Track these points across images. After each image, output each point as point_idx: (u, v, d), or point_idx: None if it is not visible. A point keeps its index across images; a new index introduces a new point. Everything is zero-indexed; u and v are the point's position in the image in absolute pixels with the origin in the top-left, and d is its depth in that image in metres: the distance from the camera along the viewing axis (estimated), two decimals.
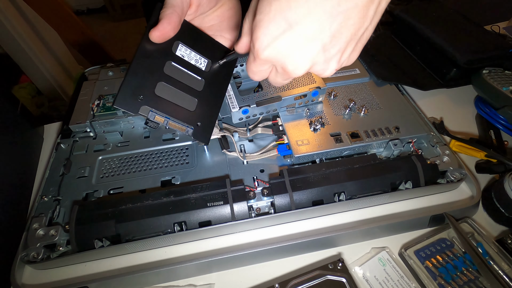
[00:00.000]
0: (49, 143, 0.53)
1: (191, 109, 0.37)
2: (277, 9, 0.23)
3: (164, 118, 0.34)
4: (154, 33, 0.32)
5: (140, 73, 0.33)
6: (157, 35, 0.32)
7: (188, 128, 0.36)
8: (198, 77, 0.37)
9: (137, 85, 0.33)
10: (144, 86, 0.33)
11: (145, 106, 0.33)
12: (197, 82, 0.37)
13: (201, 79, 0.37)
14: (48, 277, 0.37)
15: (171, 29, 0.32)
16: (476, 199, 0.41)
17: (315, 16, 0.22)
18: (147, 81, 0.34)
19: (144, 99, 0.33)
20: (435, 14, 0.65)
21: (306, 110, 0.48)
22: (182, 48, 0.36)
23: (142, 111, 0.33)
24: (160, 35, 0.32)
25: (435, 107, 0.56)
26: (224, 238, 0.39)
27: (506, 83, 0.51)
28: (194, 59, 0.37)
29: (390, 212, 0.41)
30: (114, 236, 0.37)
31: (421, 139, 0.46)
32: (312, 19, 0.22)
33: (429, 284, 0.35)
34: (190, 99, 0.37)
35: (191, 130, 0.36)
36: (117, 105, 0.32)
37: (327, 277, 0.35)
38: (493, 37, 0.61)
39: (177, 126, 0.36)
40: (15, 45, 1.23)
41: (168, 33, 0.33)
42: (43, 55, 1.33)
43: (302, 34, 0.23)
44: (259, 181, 0.42)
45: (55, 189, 0.43)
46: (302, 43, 0.24)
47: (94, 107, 0.50)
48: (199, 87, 0.37)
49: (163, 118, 0.34)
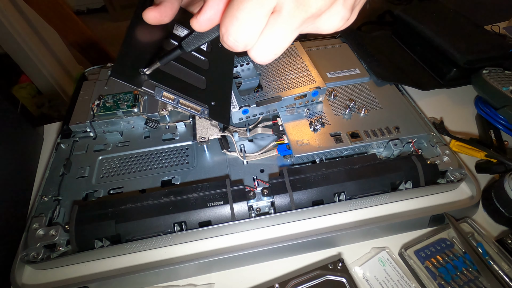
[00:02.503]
0: (49, 143, 0.53)
1: (202, 87, 0.32)
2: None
3: (174, 95, 0.29)
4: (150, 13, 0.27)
5: (139, 41, 0.28)
6: (154, 16, 0.27)
7: (203, 107, 0.31)
8: (201, 57, 0.34)
9: (137, 55, 0.27)
10: (144, 59, 0.28)
11: (150, 81, 0.28)
12: (201, 61, 0.34)
13: (204, 58, 0.34)
14: (48, 277, 0.37)
15: (170, 14, 0.28)
16: (476, 199, 0.41)
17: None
18: (148, 55, 0.29)
19: (145, 74, 0.28)
20: (435, 14, 0.65)
21: (306, 110, 0.48)
22: (179, 28, 0.32)
23: (146, 86, 0.27)
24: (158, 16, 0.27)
25: (435, 107, 0.56)
26: (224, 238, 0.39)
27: (506, 83, 0.51)
28: None
29: (390, 212, 0.41)
30: (114, 236, 0.37)
31: (421, 139, 0.46)
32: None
33: (429, 284, 0.35)
34: (198, 77, 0.32)
35: (207, 110, 0.32)
36: (113, 75, 0.26)
37: (327, 277, 0.35)
38: (493, 37, 0.61)
39: (190, 106, 0.31)
40: (15, 45, 1.23)
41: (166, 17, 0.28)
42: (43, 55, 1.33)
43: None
44: (259, 181, 0.42)
45: (55, 189, 0.43)
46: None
47: (94, 107, 0.50)
48: (204, 65, 0.34)
49: (173, 95, 0.29)
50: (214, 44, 0.35)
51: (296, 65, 0.50)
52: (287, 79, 0.48)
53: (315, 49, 0.61)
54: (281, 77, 0.48)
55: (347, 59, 0.58)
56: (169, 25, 0.30)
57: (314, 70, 0.49)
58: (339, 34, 0.66)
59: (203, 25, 0.24)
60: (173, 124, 0.50)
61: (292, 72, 0.49)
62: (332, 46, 0.62)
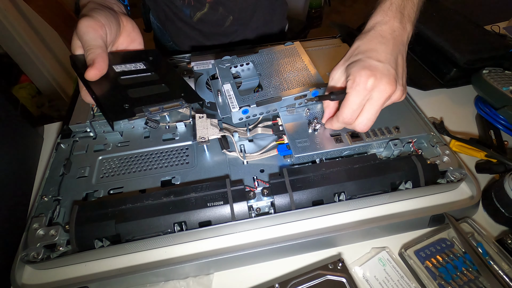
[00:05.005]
0: (49, 143, 0.53)
1: (167, 90, 0.41)
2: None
3: (158, 107, 0.37)
4: (91, 72, 0.36)
5: (107, 94, 0.37)
6: (94, 73, 0.36)
7: (179, 101, 0.39)
8: (148, 73, 0.42)
9: (114, 101, 0.36)
10: (120, 99, 0.37)
11: (137, 108, 0.36)
12: (151, 76, 0.42)
13: (151, 73, 0.43)
14: (48, 277, 0.37)
15: (106, 66, 0.37)
16: (476, 199, 0.41)
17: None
18: (119, 95, 0.37)
19: (130, 105, 0.36)
20: (435, 14, 0.65)
21: (306, 110, 0.48)
22: (117, 67, 0.41)
23: (138, 113, 0.36)
24: (98, 73, 0.37)
25: (435, 107, 0.56)
26: (224, 238, 0.39)
27: (506, 83, 0.51)
28: (133, 66, 0.42)
29: (390, 212, 0.41)
30: (114, 236, 0.37)
31: (421, 139, 0.46)
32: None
33: (429, 284, 0.35)
34: (159, 86, 0.41)
35: (183, 101, 0.40)
36: (113, 120, 0.34)
37: (327, 277, 0.35)
38: (493, 37, 0.61)
39: (171, 106, 0.39)
40: (15, 45, 1.23)
41: (104, 70, 0.37)
42: (43, 55, 1.33)
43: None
44: (259, 181, 0.42)
45: (55, 189, 0.43)
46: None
47: (94, 107, 0.50)
48: (156, 77, 0.42)
49: (157, 107, 0.37)
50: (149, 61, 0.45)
51: (296, 65, 0.50)
52: (287, 79, 0.48)
53: (315, 49, 0.61)
54: (281, 77, 0.48)
55: None
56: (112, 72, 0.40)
57: (314, 70, 0.49)
58: (339, 34, 0.66)
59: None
60: (173, 124, 0.50)
61: (292, 72, 0.49)
62: (332, 46, 0.62)
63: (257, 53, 0.52)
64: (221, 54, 0.53)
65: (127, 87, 0.39)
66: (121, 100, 0.36)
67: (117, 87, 0.38)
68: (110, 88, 0.38)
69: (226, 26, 0.70)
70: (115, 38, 0.42)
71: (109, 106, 0.35)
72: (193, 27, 0.70)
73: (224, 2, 0.66)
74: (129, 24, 0.44)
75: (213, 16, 0.68)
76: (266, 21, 0.74)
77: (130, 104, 0.36)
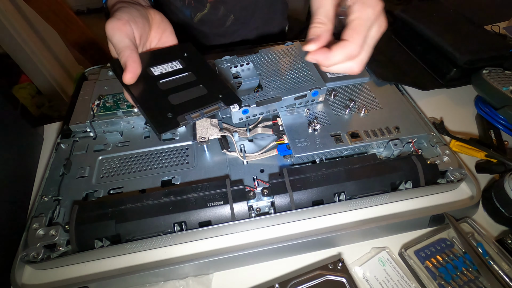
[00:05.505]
0: (49, 143, 0.53)
1: (206, 92, 0.40)
2: None
3: (198, 113, 0.37)
4: (126, 76, 0.36)
5: (150, 103, 0.37)
6: (130, 77, 0.36)
7: (218, 104, 0.39)
8: (185, 73, 0.42)
9: (158, 110, 0.36)
10: (162, 107, 0.37)
11: (180, 116, 0.36)
12: (188, 76, 0.41)
13: (188, 73, 0.42)
14: (48, 277, 0.37)
15: (138, 66, 0.37)
16: (476, 199, 0.41)
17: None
18: (161, 103, 0.37)
19: (173, 114, 0.36)
20: (435, 14, 0.65)
21: (306, 110, 0.48)
22: (154, 69, 0.41)
23: (181, 121, 0.36)
24: (133, 76, 0.36)
25: (435, 107, 0.56)
26: (224, 238, 0.39)
27: (506, 83, 0.51)
28: (170, 67, 0.41)
29: (390, 212, 0.41)
30: (114, 236, 0.37)
31: (421, 139, 0.46)
32: None
33: (429, 284, 0.35)
34: (197, 88, 0.40)
35: (222, 103, 0.39)
36: (162, 132, 0.34)
37: (327, 277, 0.35)
38: (493, 37, 0.61)
39: (211, 110, 0.38)
40: (15, 45, 1.23)
41: (138, 70, 0.37)
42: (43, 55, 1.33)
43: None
44: (259, 181, 0.42)
45: (55, 189, 0.43)
46: None
47: (94, 107, 0.50)
48: (193, 77, 0.41)
49: (198, 113, 0.37)
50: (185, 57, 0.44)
51: (296, 65, 0.50)
52: (287, 79, 0.48)
53: None
54: (281, 77, 0.48)
55: None
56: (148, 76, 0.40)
57: (314, 70, 0.49)
58: None
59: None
60: None
61: (292, 72, 0.49)
62: None
63: (257, 53, 0.52)
64: (221, 54, 0.53)
65: (167, 93, 0.38)
66: (164, 108, 0.36)
67: (158, 94, 0.38)
68: (151, 95, 0.38)
69: (227, 26, 0.70)
70: (148, 32, 0.41)
71: (155, 118, 0.35)
72: (194, 28, 0.70)
73: (225, 0, 0.66)
74: (157, 15, 0.43)
75: (214, 16, 0.68)
76: (266, 20, 0.74)
77: (173, 112, 0.36)
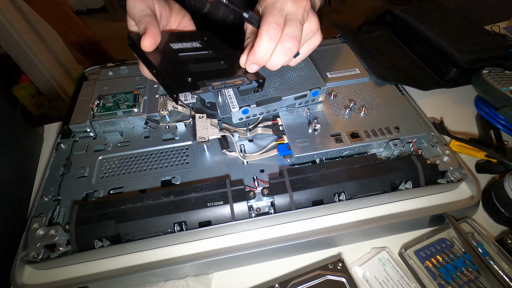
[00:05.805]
0: (49, 143, 0.53)
1: (227, 67, 0.38)
2: None
3: (220, 82, 0.35)
4: (145, 41, 0.34)
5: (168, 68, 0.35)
6: (149, 41, 0.35)
7: (242, 78, 0.37)
8: (206, 51, 0.41)
9: (176, 74, 0.34)
10: (182, 72, 0.35)
11: (200, 82, 0.34)
12: (209, 54, 0.40)
13: (208, 51, 0.41)
14: (48, 277, 0.37)
15: (158, 32, 0.35)
16: (476, 199, 0.41)
17: None
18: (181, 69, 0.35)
19: (192, 79, 0.34)
20: (435, 14, 0.65)
21: (306, 110, 0.48)
22: (174, 45, 0.39)
23: (202, 86, 0.34)
24: (152, 41, 0.35)
25: (435, 107, 0.56)
26: (224, 238, 0.39)
27: (506, 83, 0.50)
28: (189, 45, 0.41)
29: (390, 212, 0.41)
30: (114, 236, 0.37)
31: (421, 139, 0.46)
32: None
33: (429, 284, 0.35)
34: (218, 63, 0.39)
35: (245, 78, 0.37)
36: (177, 92, 0.32)
37: (327, 277, 0.35)
38: (493, 37, 0.61)
39: (234, 82, 0.37)
40: (15, 45, 1.23)
41: (157, 36, 0.35)
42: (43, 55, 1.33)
43: None
44: (259, 181, 0.42)
45: (55, 189, 0.43)
46: None
47: (94, 107, 0.50)
48: (214, 55, 0.40)
49: (219, 82, 0.35)
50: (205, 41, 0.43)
51: (296, 65, 0.50)
52: (287, 79, 0.48)
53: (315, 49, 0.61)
54: (281, 77, 0.48)
55: (347, 59, 0.58)
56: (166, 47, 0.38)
57: (314, 70, 0.49)
58: (339, 34, 0.66)
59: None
60: (173, 124, 0.50)
61: (292, 72, 0.49)
62: (332, 46, 0.62)
63: None
64: None
65: (187, 63, 0.37)
66: (183, 73, 0.34)
67: (177, 62, 0.37)
68: (170, 62, 0.36)
69: (227, 26, 0.70)
70: (168, 14, 0.41)
71: (171, 78, 0.33)
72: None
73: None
74: (176, 4, 0.43)
75: (214, 16, 0.68)
76: None
77: (192, 77, 0.34)
